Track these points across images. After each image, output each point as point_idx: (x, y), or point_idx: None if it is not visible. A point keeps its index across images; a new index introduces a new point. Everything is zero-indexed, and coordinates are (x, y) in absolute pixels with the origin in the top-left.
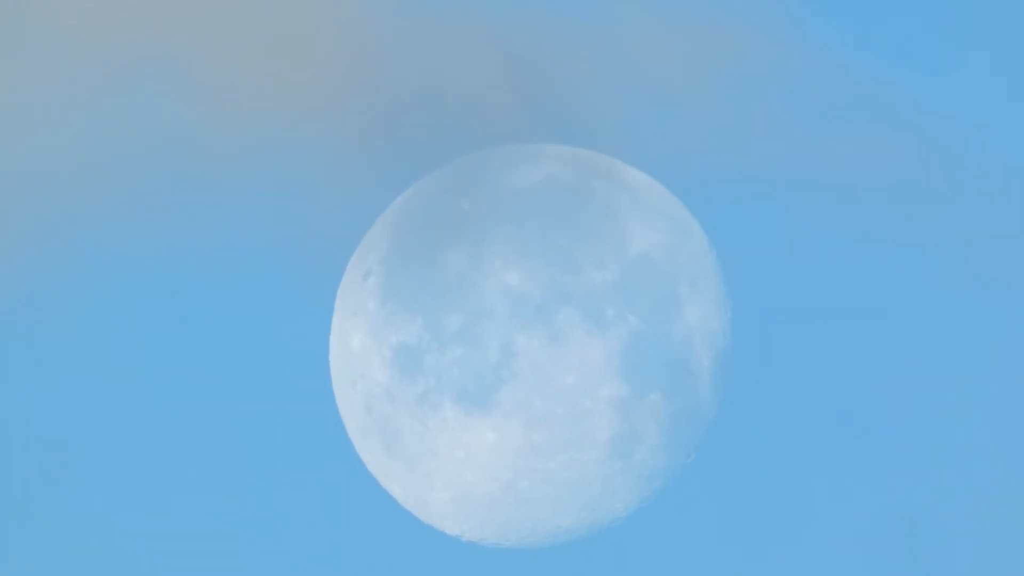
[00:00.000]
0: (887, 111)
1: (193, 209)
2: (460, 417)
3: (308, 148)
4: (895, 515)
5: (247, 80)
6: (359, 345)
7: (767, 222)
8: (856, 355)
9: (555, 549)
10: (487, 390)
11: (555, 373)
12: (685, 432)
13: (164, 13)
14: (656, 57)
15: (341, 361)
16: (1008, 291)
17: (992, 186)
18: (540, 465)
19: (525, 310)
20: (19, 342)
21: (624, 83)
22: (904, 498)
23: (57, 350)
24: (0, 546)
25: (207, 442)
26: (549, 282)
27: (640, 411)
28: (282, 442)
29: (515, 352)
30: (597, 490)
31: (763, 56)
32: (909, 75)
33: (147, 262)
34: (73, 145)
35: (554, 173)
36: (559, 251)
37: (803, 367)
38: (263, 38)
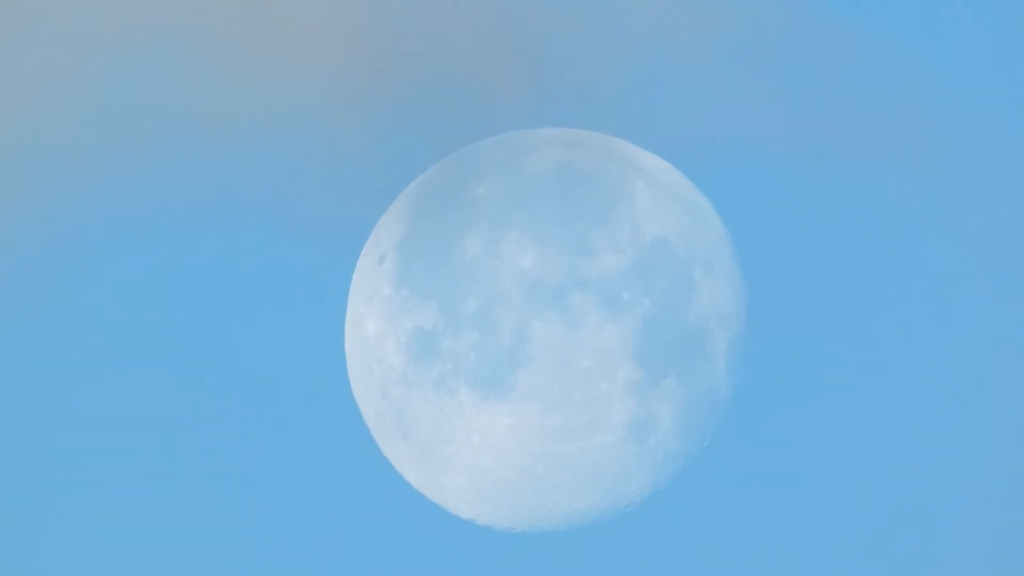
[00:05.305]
0: (910, 93)
1: (203, 193)
2: (476, 402)
3: (316, 130)
4: (912, 503)
5: (257, 58)
6: (374, 330)
7: (783, 204)
8: (874, 338)
9: (571, 533)
10: (503, 375)
11: (571, 357)
12: (701, 416)
13: None
14: (667, 36)
15: (356, 346)
16: None
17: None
18: (556, 450)
19: (541, 294)
20: (20, 323)
21: (635, 62)
22: (922, 486)
23: (56, 334)
24: None
25: (219, 428)
26: (564, 266)
27: (656, 395)
28: (297, 427)
29: (531, 336)
30: (613, 474)
31: (782, 35)
32: (938, 55)
33: (157, 244)
34: (79, 118)
35: (569, 157)
36: (574, 235)
37: (819, 350)
38: (269, 20)
